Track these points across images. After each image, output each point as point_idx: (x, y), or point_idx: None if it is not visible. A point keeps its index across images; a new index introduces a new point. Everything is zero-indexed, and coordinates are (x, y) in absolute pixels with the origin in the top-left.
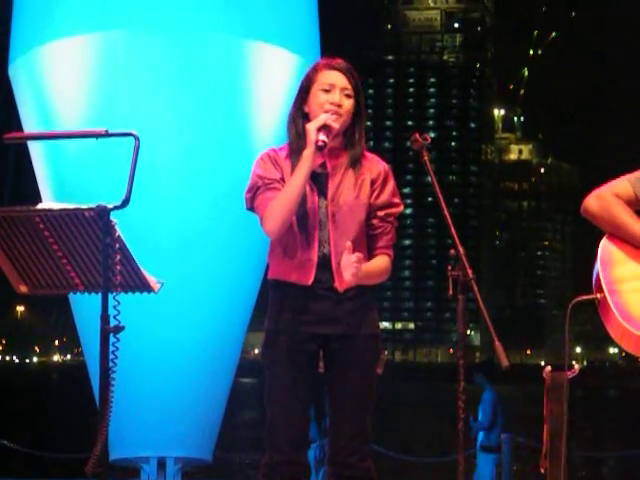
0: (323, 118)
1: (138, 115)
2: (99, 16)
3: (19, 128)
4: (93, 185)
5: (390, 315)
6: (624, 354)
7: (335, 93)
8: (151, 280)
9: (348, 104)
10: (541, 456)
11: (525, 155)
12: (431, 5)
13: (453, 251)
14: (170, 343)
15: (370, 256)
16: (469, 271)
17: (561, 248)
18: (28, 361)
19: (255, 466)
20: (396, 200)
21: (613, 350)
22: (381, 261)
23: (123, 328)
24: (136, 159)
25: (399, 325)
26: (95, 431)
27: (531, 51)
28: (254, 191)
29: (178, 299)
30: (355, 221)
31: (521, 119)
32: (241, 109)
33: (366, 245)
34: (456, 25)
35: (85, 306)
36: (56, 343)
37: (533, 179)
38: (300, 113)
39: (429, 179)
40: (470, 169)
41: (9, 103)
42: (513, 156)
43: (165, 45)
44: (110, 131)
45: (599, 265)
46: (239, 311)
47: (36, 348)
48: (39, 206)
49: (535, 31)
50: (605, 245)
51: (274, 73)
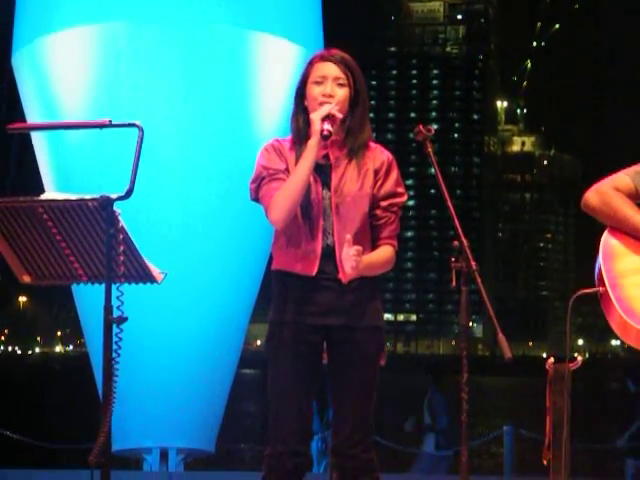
0: (327, 108)
1: (141, 106)
2: (102, 7)
3: (22, 119)
4: (96, 176)
5: (392, 307)
6: (626, 346)
7: (327, 84)
8: (154, 271)
9: (341, 93)
10: (544, 448)
11: (528, 147)
12: None
13: (456, 242)
14: (173, 334)
15: (374, 246)
16: (472, 262)
17: (563, 240)
18: (30, 352)
19: (257, 457)
20: (400, 190)
21: (615, 342)
22: (384, 252)
23: (126, 319)
24: (140, 150)
25: (401, 317)
26: (98, 422)
27: (534, 43)
28: (259, 181)
29: (181, 290)
30: (359, 212)
31: (524, 111)
32: (244, 100)
33: (370, 235)
34: (459, 17)
35: (88, 297)
36: (58, 334)
37: (536, 171)
38: (300, 108)
39: (432, 171)
40: (473, 161)
41: (12, 94)
42: (516, 148)
43: (167, 36)
44: (114, 122)
45: (601, 259)
46: (242, 302)
47: (38, 339)
48: (42, 196)
49: (538, 23)
50: (607, 239)
51: (277, 64)
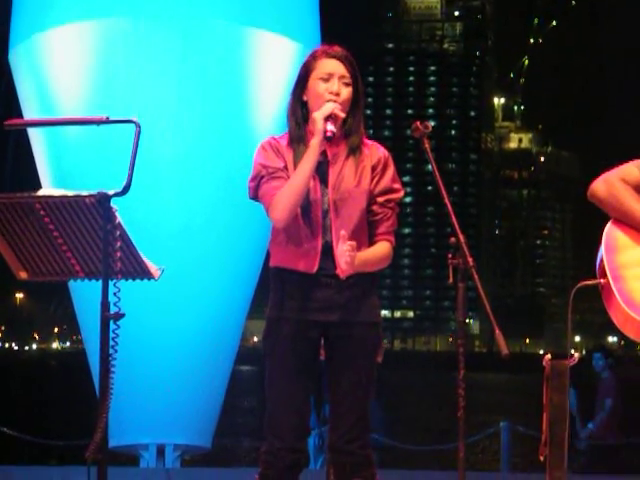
0: (330, 107)
1: (138, 102)
2: (99, 3)
3: (19, 115)
4: (93, 172)
5: (389, 303)
6: (623, 343)
7: (334, 82)
8: (151, 267)
9: (346, 92)
10: (540, 444)
11: (525, 144)
12: None
13: (453, 239)
14: (170, 331)
15: (371, 242)
16: (469, 259)
17: (561, 237)
18: (27, 348)
19: (254, 453)
20: (396, 186)
21: (612, 339)
22: (381, 247)
23: (123, 315)
24: (137, 146)
25: (398, 313)
26: (94, 418)
27: (531, 40)
28: (258, 180)
29: (178, 287)
30: (357, 208)
31: (521, 108)
32: (241, 97)
33: (368, 232)
34: (456, 13)
35: (85, 293)
36: (55, 330)
37: (533, 168)
38: (299, 102)
39: (429, 167)
40: (470, 158)
41: (9, 90)
42: (513, 145)
43: (165, 32)
44: (110, 118)
45: (603, 250)
46: (239, 299)
47: (35, 335)
48: (39, 193)
49: (535, 20)
50: (610, 230)
51: (274, 61)
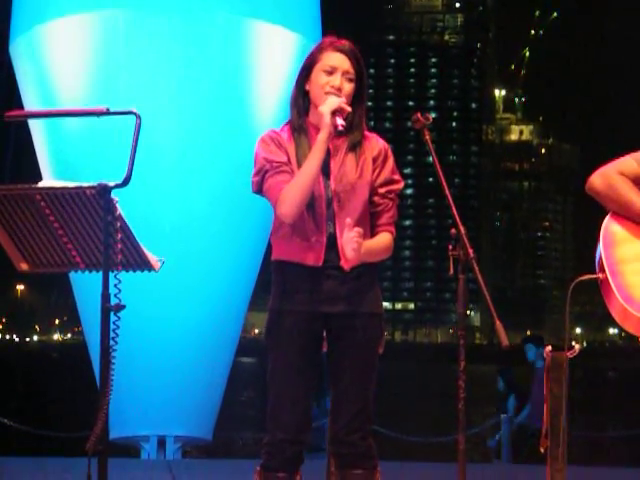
0: (336, 102)
1: (138, 93)
2: None
3: (20, 106)
4: (94, 163)
5: (390, 295)
6: (624, 335)
7: (337, 76)
8: (152, 258)
9: (348, 88)
10: (541, 436)
11: (526, 136)
12: None
13: (454, 231)
14: (171, 323)
15: (372, 234)
16: (470, 250)
17: (561, 229)
18: (28, 340)
19: (255, 445)
20: (396, 177)
21: (613, 331)
22: (383, 238)
23: (124, 307)
24: (137, 137)
25: (399, 305)
26: (95, 410)
27: (532, 32)
28: (262, 175)
29: (179, 279)
30: (359, 200)
31: (522, 100)
32: (242, 88)
33: (370, 223)
34: (457, 5)
35: (86, 284)
36: (56, 322)
37: (534, 159)
38: (302, 91)
39: (430, 159)
40: (471, 149)
41: (10, 81)
42: (514, 136)
43: (165, 24)
44: (111, 109)
45: (602, 245)
46: (239, 291)
47: (36, 327)
48: (40, 184)
49: (536, 12)
50: (608, 224)
51: (275, 52)
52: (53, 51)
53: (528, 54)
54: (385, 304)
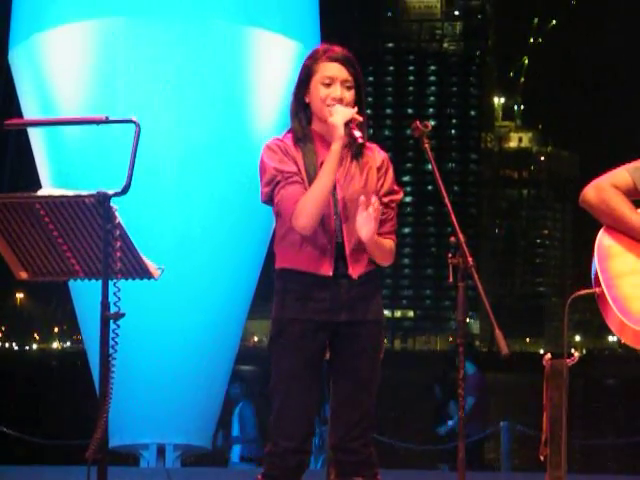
0: (349, 113)
1: (137, 102)
2: (99, 3)
3: (19, 115)
4: (93, 172)
5: (389, 303)
6: (623, 342)
7: (336, 87)
8: (151, 267)
9: (349, 96)
10: (541, 444)
11: (525, 143)
12: None
13: (453, 239)
14: (170, 331)
15: None
16: (469, 259)
17: (561, 236)
18: (28, 348)
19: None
20: (396, 187)
21: (612, 338)
22: (388, 243)
23: (123, 315)
24: (136, 146)
25: (398, 313)
26: (95, 418)
27: (531, 39)
28: (273, 185)
29: (178, 287)
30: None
31: (521, 107)
32: (241, 95)
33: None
34: (456, 13)
35: (85, 293)
36: (56, 330)
37: (533, 167)
38: (302, 104)
39: (429, 167)
40: (470, 157)
41: (9, 90)
42: (513, 144)
43: (164, 32)
44: (110, 118)
45: (596, 259)
46: (239, 299)
47: (36, 335)
48: (39, 192)
49: (535, 19)
50: (602, 238)
51: (274, 60)
52: (52, 59)
53: (527, 62)
54: (384, 312)
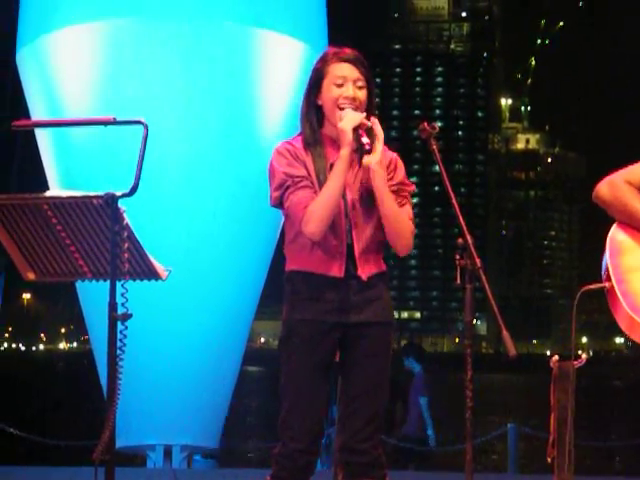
0: (357, 118)
1: (145, 103)
2: (106, 4)
3: (27, 116)
4: (101, 173)
5: (396, 304)
6: (630, 344)
7: (348, 87)
8: (159, 268)
9: (362, 95)
10: (548, 445)
11: (532, 144)
12: None
13: (461, 240)
14: (177, 332)
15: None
16: (477, 260)
17: (567, 238)
18: (34, 349)
19: (261, 454)
20: (407, 181)
21: (619, 340)
22: (405, 212)
23: (131, 316)
24: (144, 147)
25: (405, 314)
26: (102, 419)
27: (538, 41)
28: (283, 190)
29: (185, 288)
30: (374, 208)
31: (528, 108)
32: (249, 96)
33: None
34: (464, 14)
35: (93, 294)
36: (63, 331)
37: (540, 168)
38: (313, 107)
39: (436, 168)
40: (477, 158)
41: (17, 91)
42: (520, 145)
43: (172, 33)
44: (118, 119)
45: (608, 254)
46: (246, 300)
47: (42, 336)
48: (47, 194)
49: (542, 21)
50: (614, 233)
51: (282, 61)
52: (59, 61)
53: (534, 63)
54: None
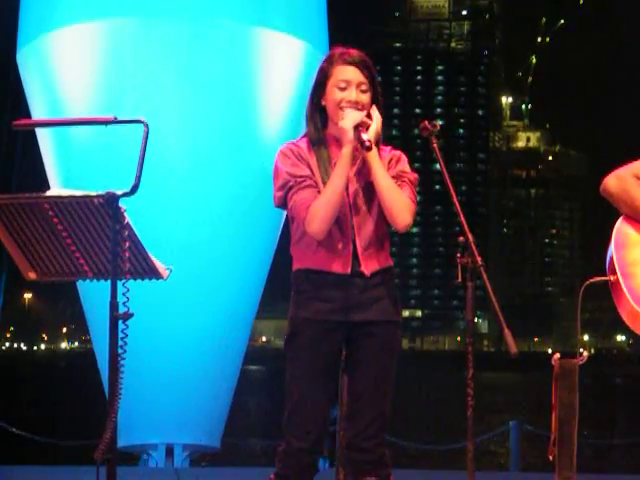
0: (358, 116)
1: (146, 102)
2: (107, 3)
3: (27, 115)
4: (101, 172)
5: None
6: (632, 342)
7: (351, 91)
8: (160, 267)
9: (365, 99)
10: (549, 443)
11: (533, 143)
12: None
13: (462, 238)
14: (178, 331)
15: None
16: (478, 258)
17: (569, 236)
18: (36, 348)
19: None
20: (409, 171)
21: (621, 338)
22: (403, 191)
23: (132, 315)
24: (145, 146)
25: (406, 313)
26: (103, 418)
27: (539, 39)
28: (286, 190)
29: (186, 287)
30: (376, 205)
31: (529, 107)
32: (250, 95)
33: (387, 229)
34: (464, 12)
35: (94, 293)
36: (64, 330)
37: (541, 167)
38: (317, 108)
39: (437, 167)
40: (478, 157)
41: (18, 90)
42: (521, 144)
43: (172, 32)
44: (118, 118)
45: (613, 247)
46: (247, 299)
47: (44, 335)
48: (48, 193)
49: (543, 19)
50: (620, 227)
51: (282, 60)
52: (60, 59)
53: (535, 61)
54: None
